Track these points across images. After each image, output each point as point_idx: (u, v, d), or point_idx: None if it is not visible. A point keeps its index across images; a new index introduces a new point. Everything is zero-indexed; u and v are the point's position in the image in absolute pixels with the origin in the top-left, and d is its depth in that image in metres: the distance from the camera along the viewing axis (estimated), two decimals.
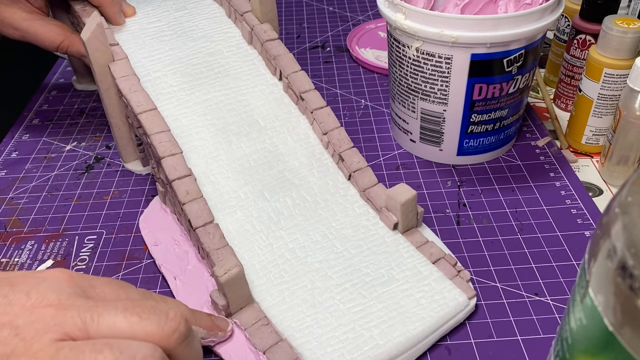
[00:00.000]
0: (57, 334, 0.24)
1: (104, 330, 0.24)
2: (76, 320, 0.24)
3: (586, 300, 0.21)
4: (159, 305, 0.26)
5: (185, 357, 0.27)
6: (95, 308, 0.25)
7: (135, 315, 0.25)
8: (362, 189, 0.43)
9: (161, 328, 0.25)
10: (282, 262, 0.39)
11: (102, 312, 0.25)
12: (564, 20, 0.58)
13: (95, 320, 0.24)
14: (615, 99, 0.49)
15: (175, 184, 0.40)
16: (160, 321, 0.25)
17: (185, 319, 0.26)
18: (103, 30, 0.44)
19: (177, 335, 0.26)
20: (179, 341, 0.26)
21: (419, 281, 0.38)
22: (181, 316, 0.26)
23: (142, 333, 0.25)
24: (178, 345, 0.26)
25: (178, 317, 0.26)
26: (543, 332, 0.37)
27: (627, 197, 0.19)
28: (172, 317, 0.26)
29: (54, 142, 0.57)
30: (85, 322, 0.24)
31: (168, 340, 0.25)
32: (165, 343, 0.25)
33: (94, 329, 0.24)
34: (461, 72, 0.45)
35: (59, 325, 0.24)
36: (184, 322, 0.26)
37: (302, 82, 0.46)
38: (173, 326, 0.25)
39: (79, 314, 0.24)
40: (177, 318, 0.26)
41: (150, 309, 0.25)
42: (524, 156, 0.52)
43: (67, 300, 0.25)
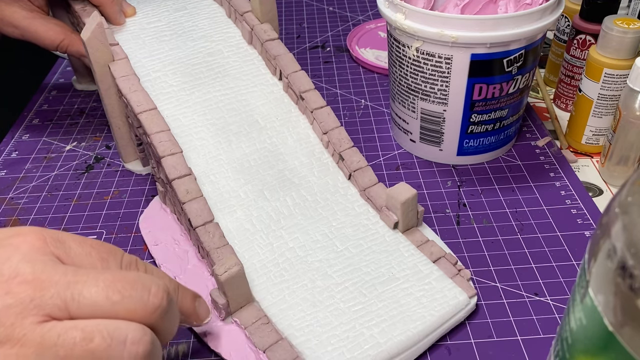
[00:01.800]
0: (37, 316, 0.23)
1: (86, 310, 0.24)
2: (56, 301, 0.23)
3: (586, 300, 0.21)
4: (141, 279, 0.25)
5: (165, 328, 0.26)
6: (75, 285, 0.24)
7: (117, 293, 0.24)
8: (362, 188, 0.43)
9: (144, 305, 0.25)
10: (282, 261, 0.39)
11: (82, 290, 0.24)
12: (564, 20, 0.58)
13: (76, 299, 0.24)
14: (615, 99, 0.49)
15: (175, 183, 0.40)
16: (143, 297, 0.25)
17: (167, 293, 0.26)
18: (103, 30, 0.44)
19: (160, 311, 0.25)
20: (160, 317, 0.25)
21: (420, 280, 0.38)
22: (164, 291, 0.26)
23: (124, 311, 0.24)
24: (160, 320, 0.26)
25: (161, 292, 0.25)
26: (543, 332, 0.37)
27: (627, 197, 0.19)
28: (155, 293, 0.25)
29: (54, 142, 0.57)
30: (66, 301, 0.23)
31: (150, 317, 0.25)
32: (148, 319, 0.25)
33: (75, 307, 0.24)
34: (461, 72, 0.45)
35: (38, 307, 0.23)
36: (166, 297, 0.26)
37: (302, 81, 0.46)
38: (156, 302, 0.25)
39: (58, 294, 0.23)
40: (160, 293, 0.25)
41: (132, 284, 0.25)
42: (524, 156, 0.52)
43: (42, 273, 0.24)
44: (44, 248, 0.25)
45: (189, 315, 0.31)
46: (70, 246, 0.27)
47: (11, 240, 0.25)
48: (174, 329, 0.28)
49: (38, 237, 0.26)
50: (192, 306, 0.32)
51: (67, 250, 0.26)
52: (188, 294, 0.32)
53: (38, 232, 0.26)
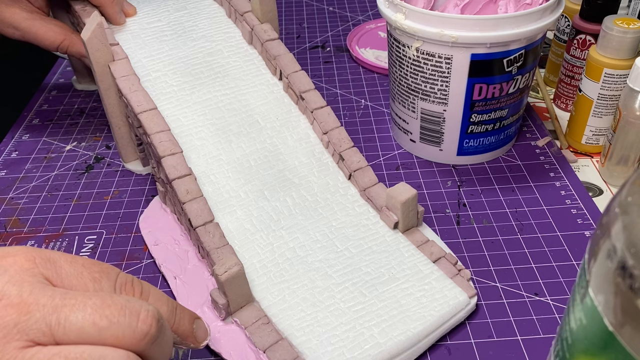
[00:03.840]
0: (21, 341, 0.22)
1: (71, 336, 0.23)
2: (41, 326, 0.23)
3: (586, 300, 0.21)
4: (129, 305, 0.25)
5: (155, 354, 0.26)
6: (62, 309, 0.23)
7: (104, 319, 0.24)
8: (363, 188, 0.43)
9: (132, 332, 0.24)
10: (282, 261, 0.39)
11: (68, 315, 0.23)
12: (564, 20, 0.58)
13: (62, 324, 0.23)
14: (615, 99, 0.49)
15: (175, 183, 0.40)
16: (132, 324, 0.24)
17: (157, 320, 0.25)
18: (103, 30, 0.44)
19: (148, 338, 0.25)
20: (149, 344, 0.25)
21: (420, 280, 0.38)
22: (153, 317, 0.25)
23: (111, 338, 0.24)
24: (149, 347, 0.25)
25: (149, 319, 0.25)
26: (543, 332, 0.37)
27: (627, 197, 0.19)
28: (144, 320, 0.24)
29: (54, 142, 0.57)
30: (51, 326, 0.23)
31: (138, 344, 0.24)
32: (136, 346, 0.24)
33: (60, 333, 0.23)
34: (461, 72, 0.45)
35: (22, 332, 0.22)
36: (156, 324, 0.25)
37: (302, 81, 0.46)
38: (144, 329, 0.24)
39: (43, 318, 0.23)
40: (149, 320, 0.25)
41: (120, 310, 0.24)
42: (524, 156, 0.52)
43: (29, 296, 0.23)
44: (33, 269, 0.25)
45: (186, 337, 0.30)
46: (61, 266, 0.26)
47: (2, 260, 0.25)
48: (165, 355, 0.27)
49: (27, 258, 0.25)
50: (189, 328, 0.31)
51: (58, 271, 0.26)
52: (186, 316, 0.31)
53: (27, 253, 0.25)
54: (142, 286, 0.29)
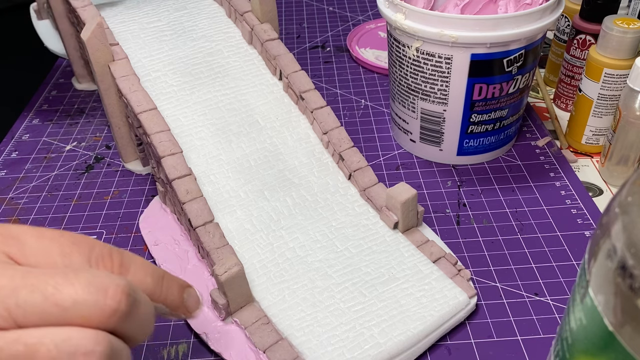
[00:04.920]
0: None
1: (33, 319, 0.21)
2: None
3: (586, 300, 0.21)
4: (96, 280, 0.22)
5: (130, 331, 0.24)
6: (21, 290, 0.21)
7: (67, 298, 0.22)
8: (363, 188, 0.43)
9: (99, 310, 0.22)
10: (282, 261, 0.39)
11: (27, 296, 0.21)
12: (564, 20, 0.58)
13: (21, 307, 0.21)
14: (615, 99, 0.49)
15: (175, 183, 0.40)
16: (98, 301, 0.22)
17: (127, 295, 0.23)
18: (103, 30, 0.44)
19: (118, 315, 0.23)
20: (120, 321, 0.23)
21: (420, 280, 0.38)
22: (122, 292, 0.23)
23: (77, 318, 0.22)
24: (121, 324, 0.23)
25: (118, 294, 0.23)
26: (543, 332, 0.37)
27: (627, 197, 0.19)
28: (112, 295, 0.22)
29: (54, 142, 0.57)
30: (10, 310, 0.21)
31: (108, 322, 0.22)
32: (105, 324, 0.22)
33: (21, 316, 0.21)
34: (461, 72, 0.45)
35: None
36: (126, 299, 0.23)
37: (302, 81, 0.46)
38: (113, 306, 0.22)
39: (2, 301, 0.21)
40: (118, 295, 0.22)
41: (85, 287, 0.22)
42: (524, 156, 0.52)
43: None
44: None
45: (176, 307, 0.28)
46: (25, 242, 0.24)
47: None
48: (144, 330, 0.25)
49: None
50: (179, 298, 0.28)
51: (22, 247, 0.24)
52: (174, 285, 0.28)
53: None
54: (123, 257, 0.26)
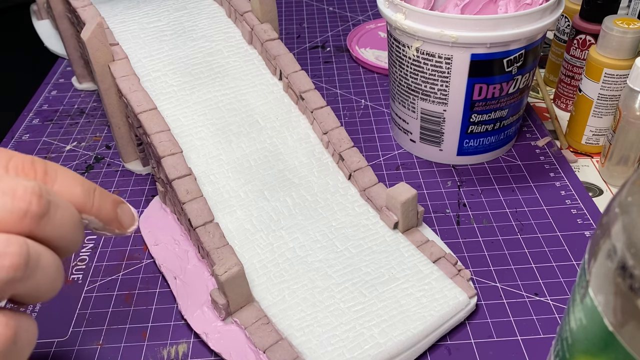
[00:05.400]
0: None
1: None
2: None
3: (586, 300, 0.21)
4: (2, 183, 0.22)
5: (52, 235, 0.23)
6: None
7: None
8: (363, 188, 0.43)
9: (8, 212, 0.21)
10: (282, 261, 0.39)
11: None
12: (564, 20, 0.58)
13: None
14: (615, 99, 0.49)
15: (175, 183, 0.40)
16: (6, 204, 0.21)
17: (38, 196, 0.22)
18: (103, 30, 0.44)
19: (30, 216, 0.22)
20: (34, 222, 0.22)
21: (420, 280, 0.38)
22: (32, 193, 0.22)
23: None
24: (35, 227, 0.22)
25: (28, 194, 0.22)
26: (543, 332, 0.37)
27: (627, 197, 0.19)
28: (21, 196, 0.22)
29: (54, 142, 0.57)
30: None
31: (21, 224, 0.22)
32: (18, 228, 0.22)
33: None
34: (461, 72, 0.45)
35: None
36: (37, 200, 0.22)
37: (302, 81, 0.46)
38: (22, 207, 0.22)
39: None
40: (27, 196, 0.22)
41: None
42: (524, 156, 0.52)
43: None
44: None
45: (110, 221, 0.27)
46: None
47: None
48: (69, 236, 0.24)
49: None
50: (112, 212, 0.27)
51: None
52: (108, 199, 0.27)
53: None
54: (47, 166, 0.25)
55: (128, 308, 0.40)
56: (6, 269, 0.21)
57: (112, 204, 0.28)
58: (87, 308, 0.40)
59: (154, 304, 0.40)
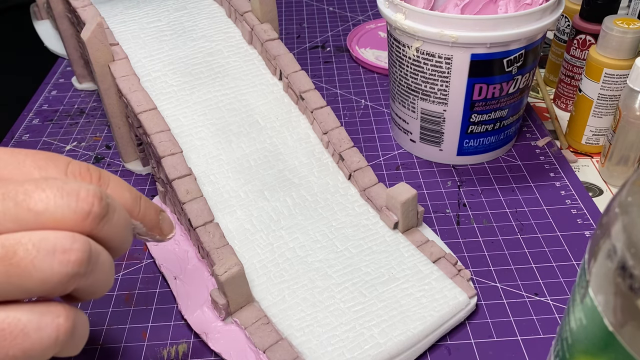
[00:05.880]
0: None
1: (8, 225, 0.22)
2: None
3: (586, 300, 0.21)
4: (67, 186, 0.23)
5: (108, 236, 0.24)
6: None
7: (39, 203, 0.22)
8: (363, 188, 0.43)
9: (72, 212, 0.23)
10: (282, 261, 0.39)
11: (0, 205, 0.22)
12: (564, 20, 0.58)
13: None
14: (615, 99, 0.49)
15: (175, 183, 0.40)
16: (70, 205, 0.23)
17: (99, 198, 0.23)
18: (103, 30, 0.44)
19: (92, 217, 0.23)
20: (95, 223, 0.23)
21: (420, 280, 0.38)
22: (94, 196, 0.23)
23: (51, 221, 0.22)
24: (95, 227, 0.23)
25: (90, 196, 0.23)
26: (543, 332, 0.37)
27: (627, 197, 0.19)
28: (84, 198, 0.23)
29: (54, 142, 0.57)
30: None
31: (83, 224, 0.23)
32: (80, 227, 0.23)
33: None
34: (461, 72, 0.45)
35: None
36: (98, 202, 0.23)
37: (302, 81, 0.46)
38: (85, 208, 0.23)
39: None
40: (90, 198, 0.23)
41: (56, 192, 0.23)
42: (524, 156, 0.52)
43: None
44: None
45: (153, 227, 0.29)
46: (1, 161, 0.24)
47: None
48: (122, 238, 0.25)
49: None
50: (155, 219, 0.29)
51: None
52: (152, 206, 0.29)
53: None
54: (101, 173, 0.27)
55: (128, 308, 0.40)
56: (72, 264, 0.22)
57: (155, 212, 0.30)
58: (88, 308, 0.40)
59: (154, 304, 0.40)
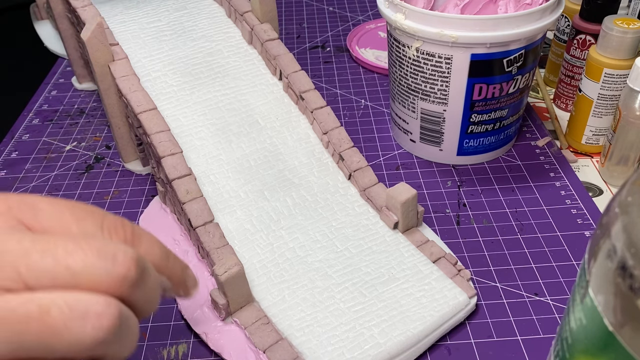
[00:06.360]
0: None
1: (44, 281, 0.22)
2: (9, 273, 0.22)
3: (586, 300, 0.21)
4: (106, 248, 0.23)
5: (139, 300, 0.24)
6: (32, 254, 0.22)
7: (78, 262, 0.22)
8: (362, 188, 0.43)
9: (108, 275, 0.23)
10: (282, 261, 0.39)
11: (39, 260, 0.22)
12: (564, 20, 0.58)
13: (32, 269, 0.22)
14: (615, 99, 0.49)
15: (175, 183, 0.40)
16: (107, 267, 0.23)
17: (136, 263, 0.24)
18: (103, 30, 0.44)
19: (127, 282, 0.23)
20: (129, 288, 0.23)
21: (420, 280, 0.38)
22: (131, 260, 0.23)
23: (87, 282, 0.22)
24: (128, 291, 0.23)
25: (127, 260, 0.23)
26: (543, 332, 0.37)
27: (627, 197, 0.19)
28: (122, 262, 0.23)
29: (54, 142, 0.57)
30: (21, 272, 0.22)
31: (117, 288, 0.23)
32: (115, 290, 0.23)
33: (32, 279, 0.22)
34: (461, 72, 0.45)
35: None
36: (135, 267, 0.23)
37: (302, 81, 0.46)
38: (121, 272, 0.23)
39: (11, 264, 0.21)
40: (127, 262, 0.23)
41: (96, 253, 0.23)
42: (524, 156, 0.52)
43: None
44: (7, 214, 0.24)
45: (178, 284, 0.29)
46: (40, 208, 0.25)
47: None
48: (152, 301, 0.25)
49: (3, 203, 0.24)
50: (181, 276, 0.29)
51: (36, 213, 0.24)
52: (179, 263, 0.29)
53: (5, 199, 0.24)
54: (134, 228, 0.27)
55: None
56: (104, 329, 0.22)
57: (182, 269, 0.30)
58: None
59: None
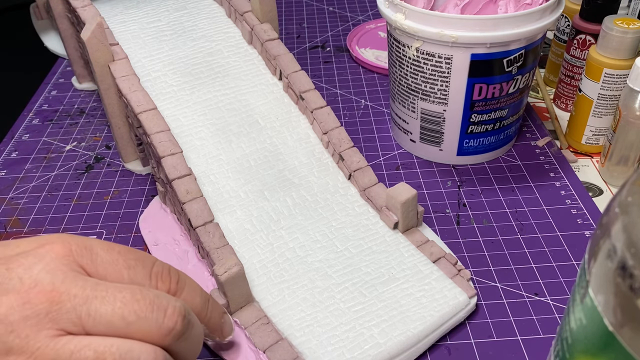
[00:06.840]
0: (52, 330, 0.23)
1: (100, 328, 0.24)
2: (71, 316, 0.24)
3: (586, 300, 0.21)
4: (158, 300, 0.26)
5: (182, 350, 0.26)
6: (92, 300, 0.24)
7: (132, 314, 0.25)
8: (362, 188, 0.43)
9: (158, 327, 0.25)
10: (282, 261, 0.39)
11: (98, 307, 0.24)
12: (564, 20, 0.58)
13: (92, 316, 0.24)
14: (615, 99, 0.49)
15: (175, 183, 0.40)
16: (158, 320, 0.25)
17: (183, 317, 0.26)
18: (103, 30, 0.44)
19: (174, 334, 0.25)
20: (174, 340, 0.26)
21: (420, 280, 0.38)
22: (179, 314, 0.26)
23: (139, 332, 0.25)
24: (174, 343, 0.26)
25: (176, 315, 0.26)
26: (543, 332, 0.37)
27: (627, 197, 0.19)
28: (170, 316, 0.25)
29: (54, 142, 0.57)
30: (81, 317, 0.24)
31: (164, 339, 0.25)
32: (162, 341, 0.25)
33: (90, 324, 0.24)
34: (461, 72, 0.45)
35: (54, 320, 0.23)
36: (181, 321, 0.26)
37: (302, 81, 0.46)
38: (170, 325, 0.25)
39: (74, 308, 0.24)
40: (175, 316, 0.26)
41: (148, 306, 0.25)
42: (524, 156, 0.52)
43: (61, 284, 0.24)
44: (68, 257, 0.25)
45: (215, 329, 0.31)
46: (97, 253, 0.27)
47: (38, 249, 0.25)
48: (194, 351, 0.28)
49: (64, 246, 0.26)
50: (219, 322, 0.32)
51: (94, 258, 0.26)
52: (217, 310, 0.32)
53: (65, 241, 0.26)
54: (179, 276, 0.29)
55: None
56: None
57: (220, 315, 0.32)
58: None
59: None
